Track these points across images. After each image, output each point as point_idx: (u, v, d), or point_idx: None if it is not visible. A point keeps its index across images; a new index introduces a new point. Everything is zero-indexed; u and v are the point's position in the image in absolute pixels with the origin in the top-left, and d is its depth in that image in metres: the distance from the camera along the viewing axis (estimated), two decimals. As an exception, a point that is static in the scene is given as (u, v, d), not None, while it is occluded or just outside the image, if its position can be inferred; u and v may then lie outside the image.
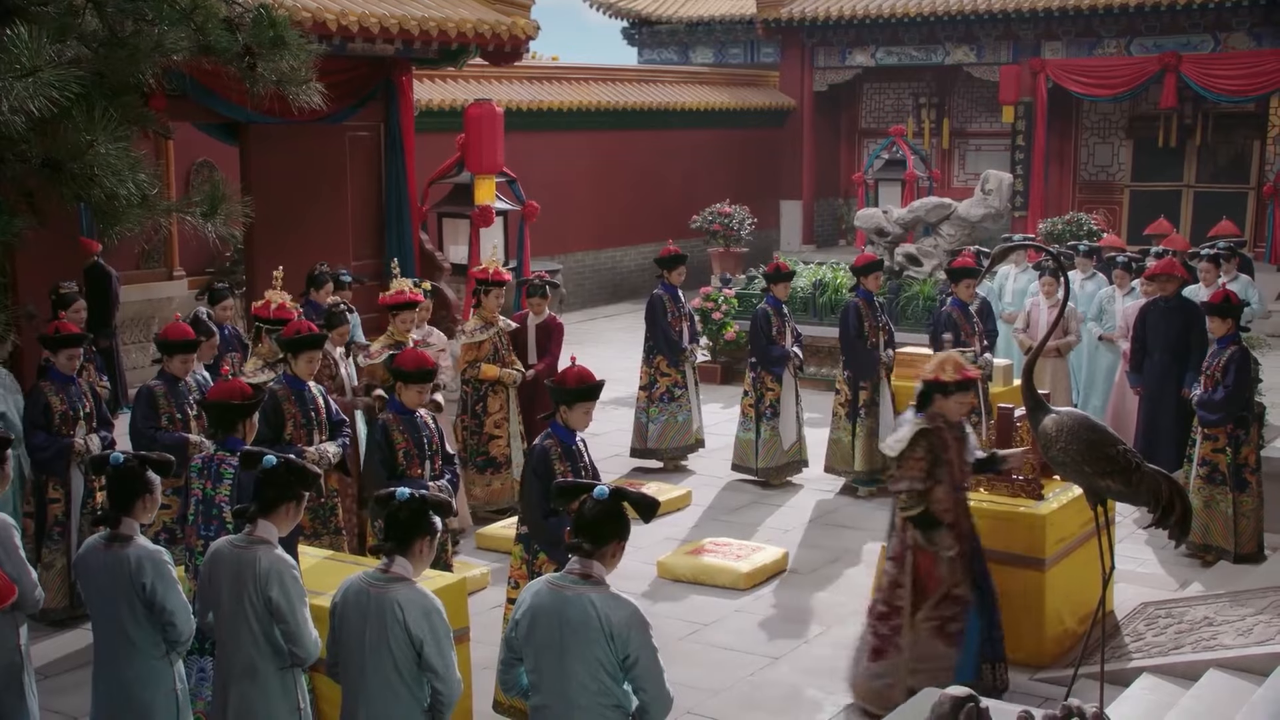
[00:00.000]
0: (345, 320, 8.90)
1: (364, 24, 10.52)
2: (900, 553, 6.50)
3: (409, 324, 9.09)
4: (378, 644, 4.38)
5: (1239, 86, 20.15)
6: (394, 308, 9.07)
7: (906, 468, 6.27)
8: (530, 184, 14.40)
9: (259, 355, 8.22)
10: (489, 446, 9.74)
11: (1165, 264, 10.46)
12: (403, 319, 9.02)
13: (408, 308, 9.04)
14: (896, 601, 6.48)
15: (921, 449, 6.25)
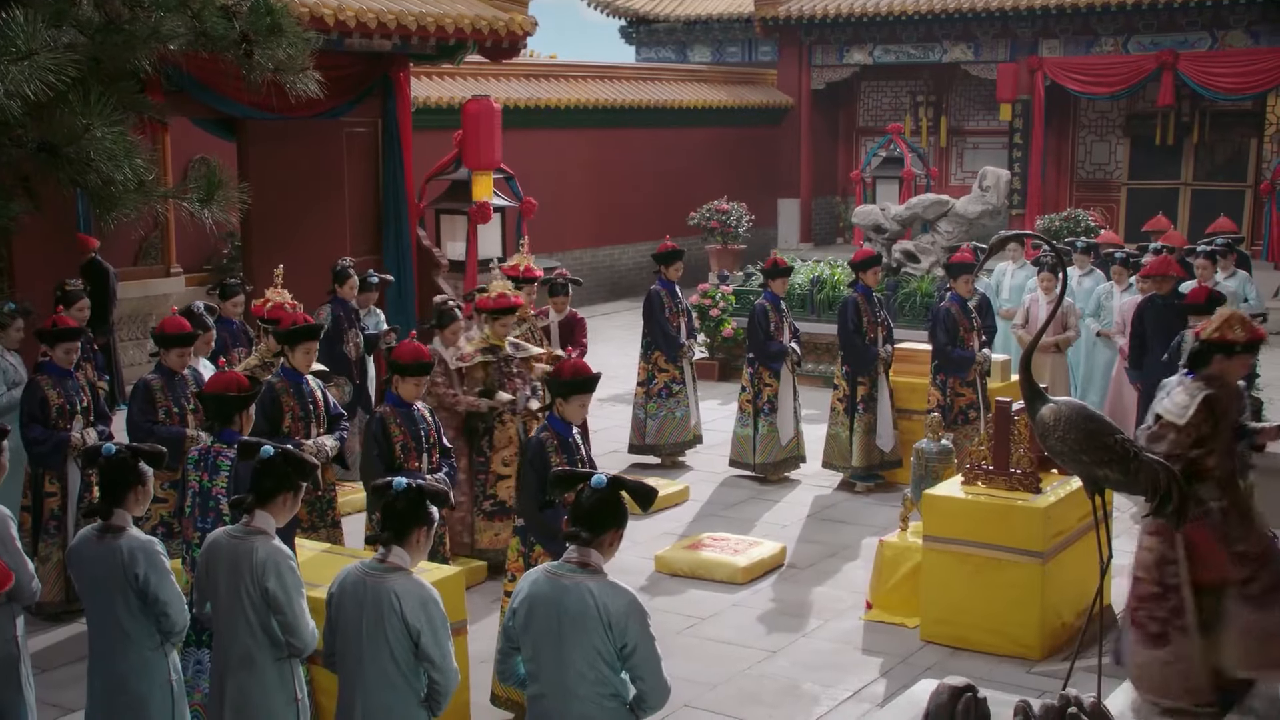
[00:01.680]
0: (456, 318, 8.54)
1: (361, 19, 10.52)
2: (1163, 525, 5.76)
3: (509, 328, 8.62)
4: (374, 634, 4.37)
5: (1236, 84, 20.17)
6: (495, 312, 8.49)
7: (1184, 434, 5.61)
8: (528, 182, 14.41)
9: (259, 354, 8.19)
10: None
11: (1159, 263, 10.47)
12: (503, 323, 8.52)
13: (508, 312, 8.51)
14: (1169, 580, 5.89)
15: (1205, 414, 5.66)
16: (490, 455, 8.45)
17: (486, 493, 8.44)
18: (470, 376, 8.42)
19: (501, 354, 8.54)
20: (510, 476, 8.31)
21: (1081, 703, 4.67)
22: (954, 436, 9.32)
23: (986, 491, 7.48)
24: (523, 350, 8.69)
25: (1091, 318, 11.75)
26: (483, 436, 8.46)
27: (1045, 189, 22.09)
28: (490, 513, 8.42)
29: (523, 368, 8.58)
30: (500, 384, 8.42)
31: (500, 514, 8.36)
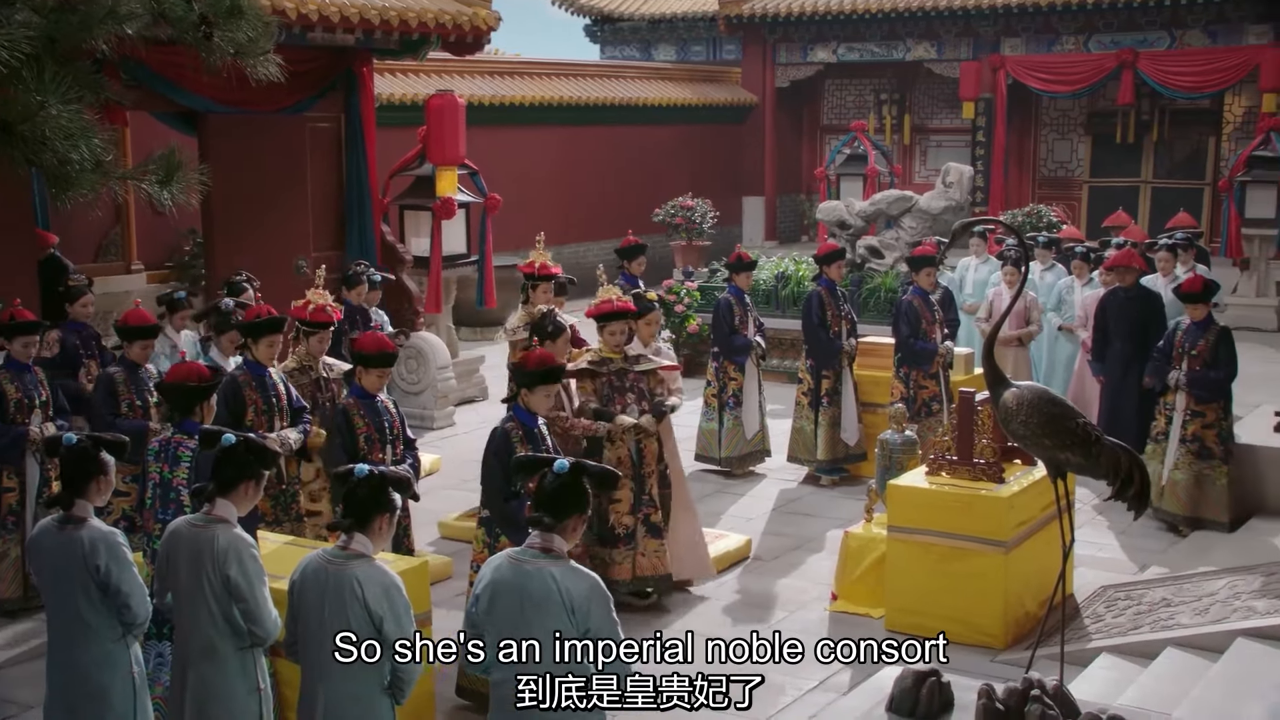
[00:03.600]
0: (564, 329, 7.75)
1: (324, 12, 10.46)
2: None
3: (620, 336, 7.78)
4: (336, 621, 4.33)
5: (1194, 83, 20.41)
6: (603, 318, 7.74)
7: None
8: (493, 179, 14.35)
9: (298, 356, 7.82)
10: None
11: (1124, 255, 10.56)
12: (611, 330, 7.74)
13: (617, 318, 7.74)
14: None
15: None
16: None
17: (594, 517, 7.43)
18: (581, 389, 7.72)
19: (613, 366, 7.75)
20: (621, 501, 7.60)
21: (1044, 685, 4.72)
22: (918, 429, 9.36)
23: (950, 482, 7.52)
24: (643, 362, 7.91)
25: (1053, 312, 11.84)
26: (592, 458, 7.33)
27: (1008, 186, 22.24)
28: (598, 538, 7.64)
29: (637, 380, 7.77)
30: (610, 399, 7.66)
31: (609, 541, 7.64)
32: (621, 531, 7.58)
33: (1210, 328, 9.16)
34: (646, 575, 7.66)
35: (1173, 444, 9.16)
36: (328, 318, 7.76)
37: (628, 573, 7.59)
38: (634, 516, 7.61)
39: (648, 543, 7.66)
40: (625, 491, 7.55)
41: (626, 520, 7.58)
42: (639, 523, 7.63)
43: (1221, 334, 9.14)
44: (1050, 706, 4.55)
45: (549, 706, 4.12)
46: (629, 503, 7.59)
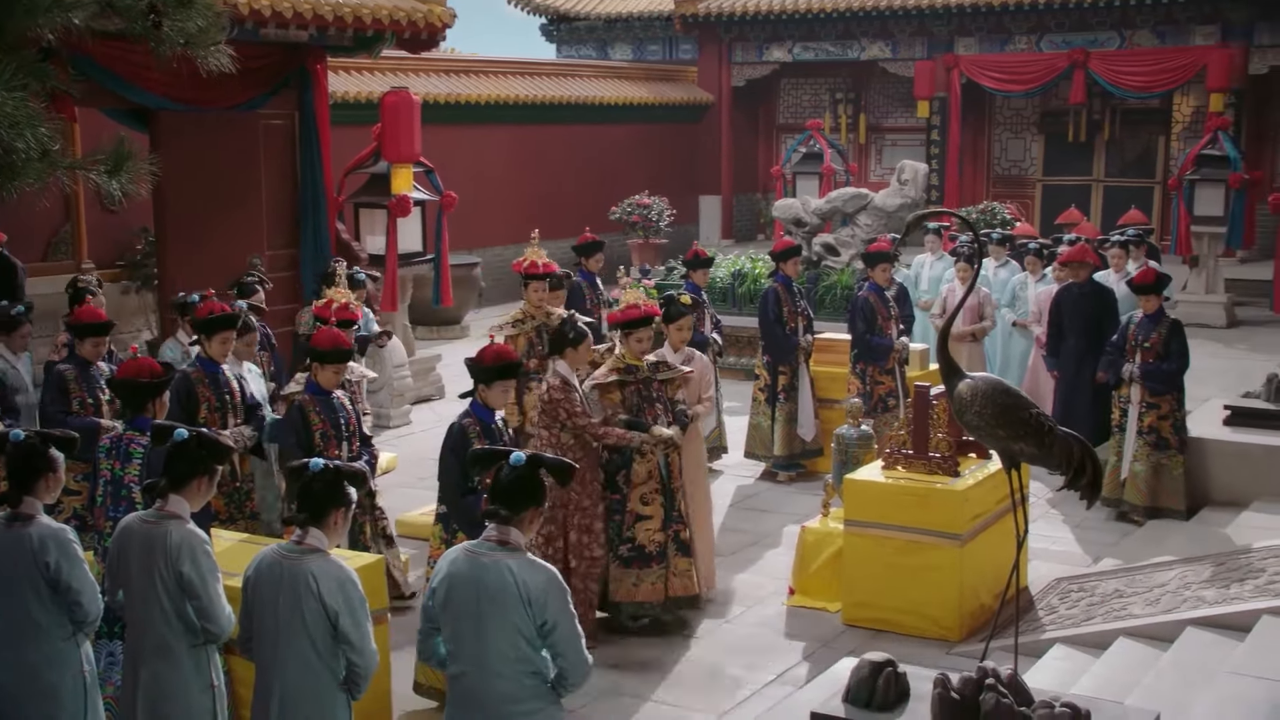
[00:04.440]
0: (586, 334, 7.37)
1: (277, 8, 10.36)
2: None
3: (647, 343, 7.37)
4: (291, 616, 4.31)
5: (1144, 83, 20.65)
6: (629, 325, 7.30)
7: None
8: (449, 178, 14.28)
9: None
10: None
11: (1077, 250, 10.67)
12: (638, 337, 7.29)
13: (643, 324, 7.31)
14: None
15: None
16: (628, 492, 7.27)
17: (623, 535, 7.27)
18: (605, 401, 7.27)
19: (640, 374, 7.32)
20: (652, 517, 7.26)
21: (999, 675, 4.74)
22: (874, 424, 9.42)
23: (906, 475, 7.57)
24: (665, 369, 7.53)
25: (1007, 308, 11.93)
26: (618, 471, 7.30)
27: (963, 184, 22.41)
28: (627, 559, 7.27)
29: (662, 389, 7.41)
30: (639, 410, 7.26)
31: (639, 560, 7.26)
32: (653, 550, 7.24)
33: (1162, 320, 9.28)
34: (679, 596, 7.35)
35: (1130, 436, 9.27)
36: (352, 316, 7.63)
37: (659, 594, 7.28)
38: (665, 533, 7.29)
39: (678, 561, 7.34)
40: (655, 507, 7.25)
41: (658, 538, 7.26)
42: (669, 540, 7.31)
43: (1173, 326, 9.26)
44: (1004, 695, 4.58)
45: (506, 699, 4.12)
46: (659, 519, 7.27)
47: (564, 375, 7.12)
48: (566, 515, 7.09)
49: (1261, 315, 17.35)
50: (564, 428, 7.05)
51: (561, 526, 7.08)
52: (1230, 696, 5.56)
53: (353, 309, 7.77)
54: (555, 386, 7.06)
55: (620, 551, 7.26)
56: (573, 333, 7.21)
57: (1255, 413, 9.67)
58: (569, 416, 7.01)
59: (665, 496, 7.32)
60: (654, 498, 7.26)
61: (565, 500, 7.01)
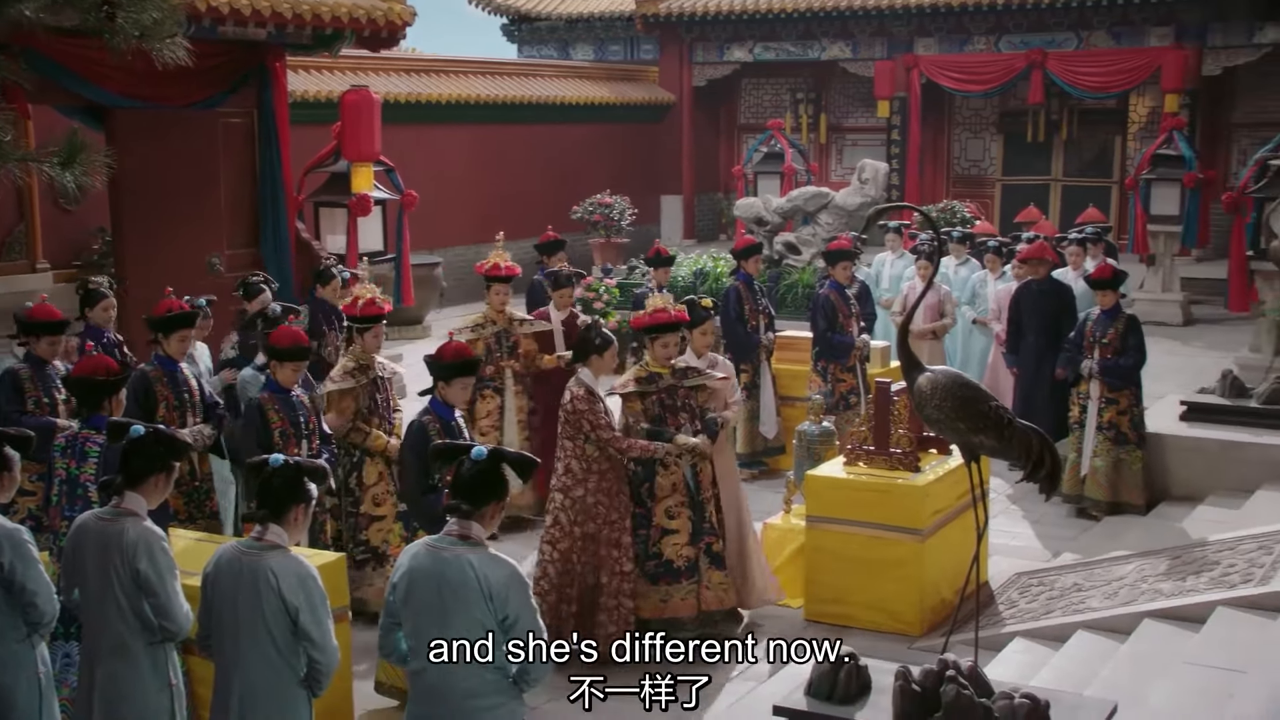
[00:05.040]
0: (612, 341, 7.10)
1: (235, 5, 10.28)
2: None
3: (673, 349, 7.12)
4: (251, 613, 4.28)
5: (1101, 83, 20.85)
6: (655, 330, 7.05)
7: None
8: (410, 178, 14.25)
9: (353, 355, 7.48)
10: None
11: (1036, 248, 10.76)
12: (664, 343, 7.04)
13: (669, 330, 7.04)
14: None
15: None
16: (652, 506, 7.06)
17: (649, 550, 7.05)
18: (626, 411, 7.07)
19: (663, 382, 7.08)
20: (679, 531, 7.01)
21: (960, 667, 4.77)
22: (835, 421, 9.45)
23: (867, 471, 7.60)
24: (693, 376, 7.26)
25: (967, 306, 12.01)
26: (642, 484, 7.07)
27: (923, 184, 22.53)
28: (654, 574, 7.05)
29: (688, 397, 7.16)
30: (662, 419, 7.01)
31: (667, 576, 7.03)
32: (682, 565, 7.02)
33: (1119, 316, 9.38)
34: (713, 610, 7.12)
35: (1090, 432, 9.36)
36: (379, 311, 7.47)
37: (692, 609, 7.06)
38: (694, 547, 7.05)
39: (712, 574, 7.10)
40: (682, 520, 7.03)
41: (686, 552, 7.03)
42: (700, 553, 7.07)
43: (1130, 322, 9.36)
44: (965, 686, 4.61)
45: (468, 694, 4.11)
46: (687, 533, 7.04)
47: (588, 384, 6.86)
48: (596, 529, 6.87)
49: (1216, 313, 17.53)
50: (587, 440, 6.82)
51: (590, 541, 6.87)
52: (1186, 686, 5.63)
53: (380, 303, 7.60)
54: (579, 396, 6.79)
55: (647, 567, 7.04)
56: (598, 339, 6.93)
57: (1211, 408, 9.79)
58: (593, 429, 6.76)
59: (693, 509, 7.07)
60: (680, 511, 7.03)
61: (593, 514, 6.83)
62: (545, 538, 7.00)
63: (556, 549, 6.90)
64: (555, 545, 6.91)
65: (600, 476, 6.85)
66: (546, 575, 6.91)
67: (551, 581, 6.88)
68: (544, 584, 6.87)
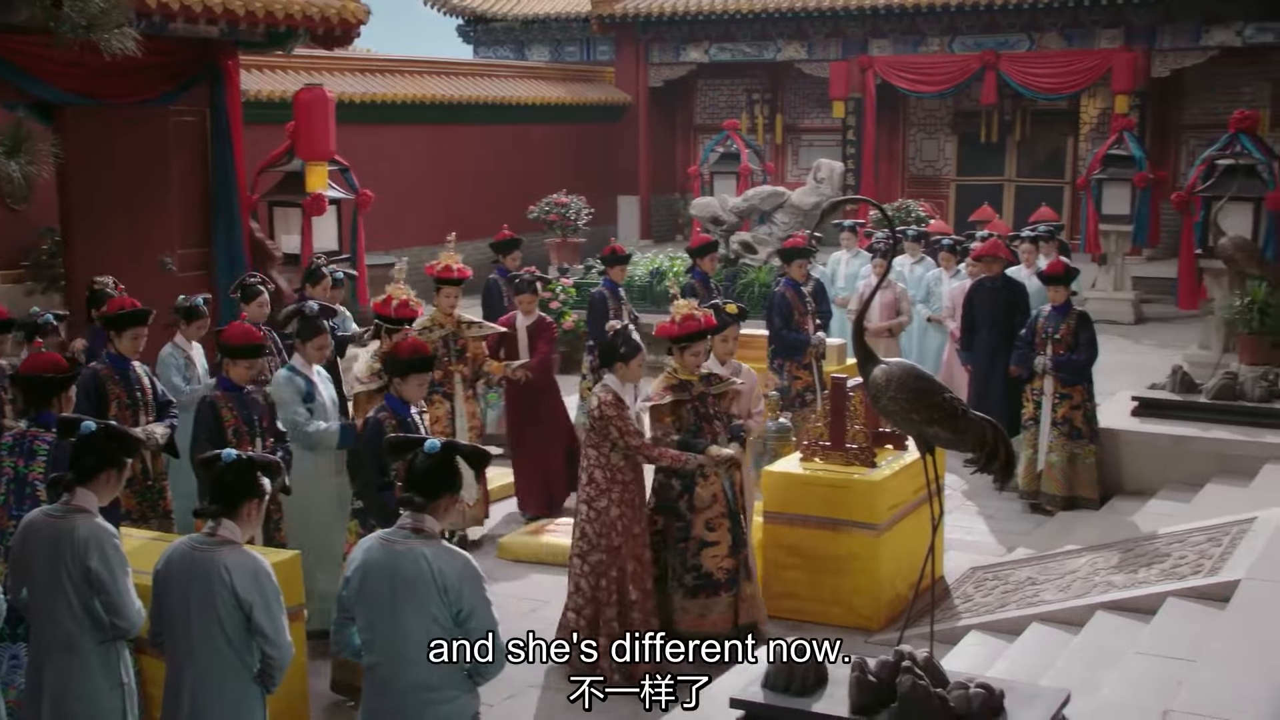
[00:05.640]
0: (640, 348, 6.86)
1: (185, 2, 10.17)
2: None
3: (703, 357, 6.97)
4: (204, 609, 4.23)
5: (1053, 84, 21.06)
6: (682, 339, 6.82)
7: None
8: (365, 178, 14.14)
9: (379, 356, 7.35)
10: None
11: (990, 245, 10.85)
12: (694, 351, 6.85)
13: (698, 338, 6.86)
14: None
15: None
16: (691, 518, 6.89)
17: (688, 564, 6.89)
18: (658, 422, 6.80)
19: (695, 391, 6.89)
20: (719, 543, 6.83)
21: (915, 658, 4.80)
22: (792, 418, 9.48)
23: (824, 467, 7.63)
24: (717, 382, 7.07)
25: (922, 304, 12.09)
26: (680, 496, 6.89)
27: (878, 184, 22.67)
28: (694, 588, 6.90)
29: (716, 404, 7.00)
30: (696, 429, 6.82)
31: (707, 589, 6.87)
32: (722, 577, 6.86)
33: (1070, 312, 9.48)
34: (745, 624, 6.99)
35: (1044, 428, 9.44)
36: (412, 313, 7.34)
37: (729, 622, 6.91)
38: (734, 559, 6.91)
39: (745, 586, 6.98)
40: (722, 532, 6.85)
41: (727, 564, 6.87)
42: (740, 565, 6.95)
43: (1081, 318, 9.46)
44: (921, 677, 4.64)
45: (423, 687, 4.09)
46: (728, 545, 6.88)
47: (615, 390, 6.65)
48: (622, 543, 6.65)
49: (1167, 312, 17.74)
50: (614, 447, 6.58)
51: (615, 555, 6.64)
52: (1137, 675, 5.69)
53: (412, 305, 7.44)
54: (606, 402, 6.57)
55: (685, 580, 6.85)
56: (624, 346, 6.67)
57: (1162, 404, 9.91)
58: (621, 435, 6.53)
59: (732, 520, 6.91)
60: (720, 522, 6.85)
61: (616, 526, 6.62)
62: (574, 550, 6.77)
63: (587, 561, 6.67)
64: (585, 558, 6.69)
65: (624, 488, 6.63)
66: (580, 590, 6.69)
67: (586, 596, 6.67)
68: (578, 599, 6.69)
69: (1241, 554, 6.78)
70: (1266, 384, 9.69)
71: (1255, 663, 5.33)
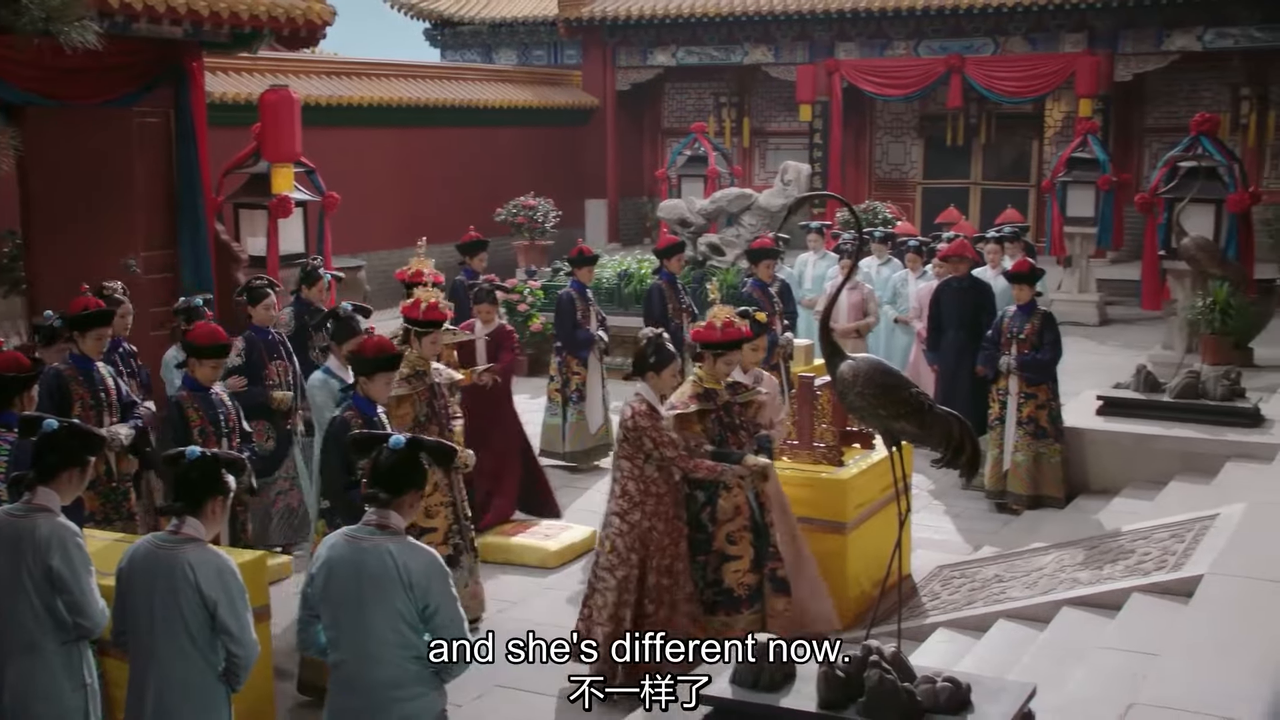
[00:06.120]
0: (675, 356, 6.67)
1: (148, 2, 10.11)
2: None
3: (733, 366, 6.81)
4: (168, 607, 4.20)
5: (1017, 88, 21.22)
6: (725, 347, 6.64)
7: None
8: (331, 181, 14.08)
9: (408, 361, 7.13)
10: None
11: (956, 245, 10.92)
12: (729, 360, 6.67)
13: (738, 346, 6.71)
14: None
15: None
16: (713, 530, 6.66)
17: (708, 578, 6.66)
18: (685, 433, 6.53)
19: (721, 400, 6.70)
20: (741, 558, 6.60)
21: (883, 653, 4.82)
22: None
23: (792, 466, 7.63)
24: (741, 392, 6.91)
25: (889, 305, 12.15)
26: (703, 507, 6.66)
27: (845, 187, 22.76)
28: (712, 604, 6.65)
29: (742, 414, 6.83)
30: (723, 438, 6.63)
31: (727, 606, 6.63)
32: (743, 593, 6.62)
33: (1035, 312, 9.55)
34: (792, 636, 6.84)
35: (1010, 428, 9.50)
36: (441, 316, 7.20)
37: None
38: (757, 574, 6.66)
39: (775, 601, 6.69)
40: (744, 546, 6.62)
41: (748, 580, 6.64)
42: (764, 580, 6.69)
43: (1045, 317, 9.53)
44: (888, 671, 4.65)
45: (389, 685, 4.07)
46: (749, 559, 6.63)
47: (649, 400, 6.42)
48: (645, 556, 6.41)
49: (1131, 313, 17.89)
50: (648, 459, 6.35)
51: (638, 568, 6.42)
52: (1102, 669, 5.74)
53: (442, 308, 7.35)
54: (641, 413, 6.33)
55: (704, 595, 6.61)
56: (654, 356, 6.43)
57: (1126, 402, 9.98)
58: (656, 446, 6.29)
59: (756, 534, 6.69)
60: (742, 536, 6.63)
61: (647, 540, 6.40)
62: (602, 564, 6.52)
63: (614, 575, 6.44)
64: (613, 572, 6.44)
65: (657, 500, 6.39)
66: (605, 604, 6.47)
67: (607, 612, 6.44)
68: (600, 615, 6.47)
69: (1204, 550, 6.85)
70: (1228, 383, 9.78)
71: (1218, 656, 5.39)
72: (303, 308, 9.49)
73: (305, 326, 9.23)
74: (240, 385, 8.02)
